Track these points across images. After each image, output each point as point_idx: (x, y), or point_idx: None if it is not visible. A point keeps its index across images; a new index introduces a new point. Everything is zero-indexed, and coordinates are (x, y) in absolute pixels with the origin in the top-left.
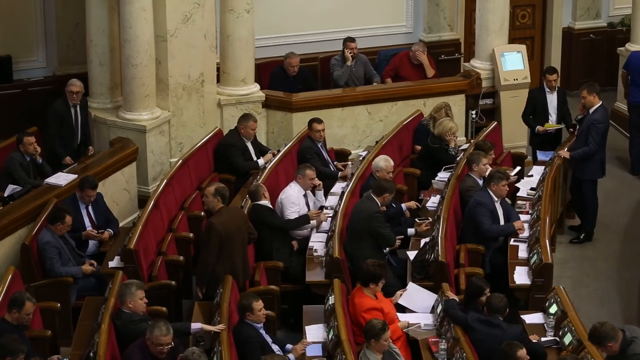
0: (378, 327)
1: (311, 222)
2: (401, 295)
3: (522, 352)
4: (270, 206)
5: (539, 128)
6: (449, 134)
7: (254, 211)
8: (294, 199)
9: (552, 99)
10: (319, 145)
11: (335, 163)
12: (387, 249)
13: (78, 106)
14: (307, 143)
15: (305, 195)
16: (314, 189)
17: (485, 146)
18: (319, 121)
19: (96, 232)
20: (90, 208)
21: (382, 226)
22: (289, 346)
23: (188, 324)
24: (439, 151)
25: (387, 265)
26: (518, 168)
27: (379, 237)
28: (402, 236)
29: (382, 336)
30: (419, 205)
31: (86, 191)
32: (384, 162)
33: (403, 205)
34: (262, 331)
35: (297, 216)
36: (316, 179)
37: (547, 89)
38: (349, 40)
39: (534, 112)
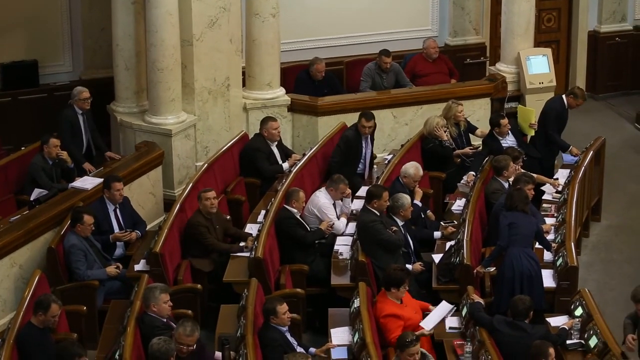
0: (405, 339)
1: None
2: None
3: (552, 350)
4: (297, 216)
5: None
6: (437, 129)
7: (280, 215)
8: (328, 205)
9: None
10: (365, 138)
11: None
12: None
13: (85, 114)
14: (350, 133)
15: (334, 204)
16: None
17: (514, 153)
18: (368, 118)
19: (123, 232)
20: (117, 211)
21: (379, 233)
22: (312, 350)
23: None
24: (436, 149)
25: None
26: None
27: (383, 244)
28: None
29: (406, 350)
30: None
31: (114, 185)
32: (414, 169)
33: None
34: (288, 334)
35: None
36: (348, 189)
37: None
38: (384, 54)
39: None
